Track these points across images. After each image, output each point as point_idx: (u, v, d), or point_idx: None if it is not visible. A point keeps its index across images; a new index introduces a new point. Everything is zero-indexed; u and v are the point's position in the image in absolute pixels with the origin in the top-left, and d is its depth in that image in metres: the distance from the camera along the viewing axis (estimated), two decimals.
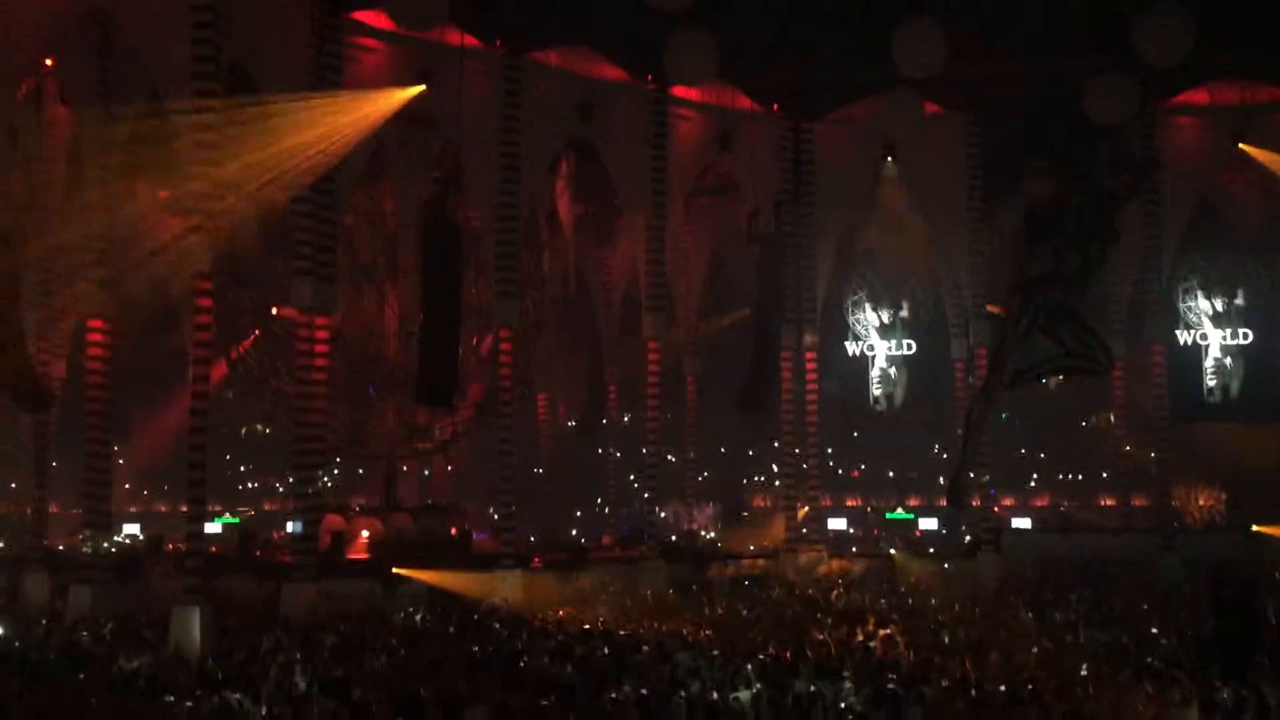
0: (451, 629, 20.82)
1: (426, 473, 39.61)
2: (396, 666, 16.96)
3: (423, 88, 25.85)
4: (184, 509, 23.20)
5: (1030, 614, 21.87)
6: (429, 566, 26.80)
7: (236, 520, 40.04)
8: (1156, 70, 23.85)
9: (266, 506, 44.70)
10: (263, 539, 33.76)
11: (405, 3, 23.39)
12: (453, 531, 31.98)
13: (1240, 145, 29.52)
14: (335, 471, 38.78)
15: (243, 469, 45.75)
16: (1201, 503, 39.11)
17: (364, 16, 25.89)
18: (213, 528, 32.93)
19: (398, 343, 32.75)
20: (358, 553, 29.61)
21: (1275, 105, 29.52)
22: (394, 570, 26.10)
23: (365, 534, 30.43)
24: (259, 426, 42.47)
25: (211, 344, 23.79)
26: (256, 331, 31.65)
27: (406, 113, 26.76)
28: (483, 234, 29.03)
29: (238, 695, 14.33)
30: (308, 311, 25.10)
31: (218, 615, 21.40)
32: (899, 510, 41.44)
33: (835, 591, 26.06)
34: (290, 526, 28.66)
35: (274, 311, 30.48)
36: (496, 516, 29.47)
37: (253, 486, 46.35)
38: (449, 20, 25.57)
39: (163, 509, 39.90)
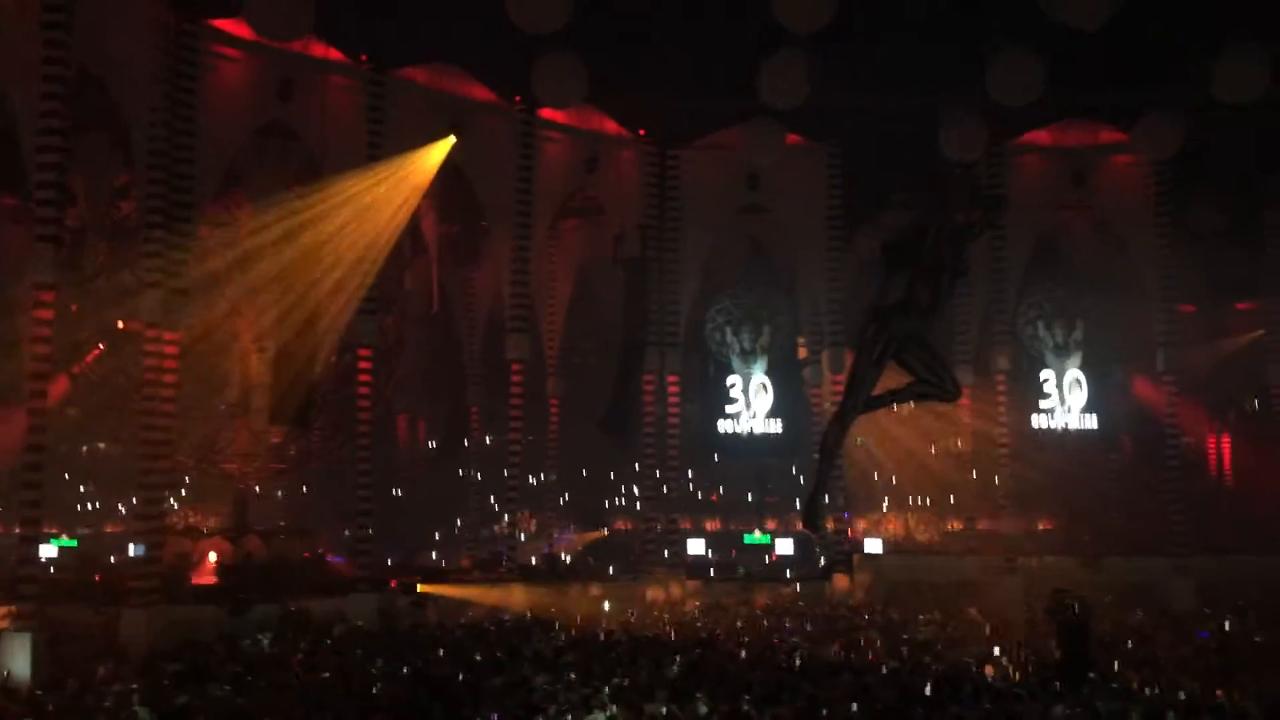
0: (301, 655, 20.23)
1: (280, 494, 38.51)
2: (242, 694, 16.39)
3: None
4: (18, 530, 22.04)
5: (880, 635, 22.44)
6: (280, 591, 26.04)
7: (74, 543, 38.13)
8: (1005, 110, 24.91)
9: (108, 529, 42.72)
10: (102, 563, 32.26)
11: (266, 12, 22.81)
12: (306, 554, 31.13)
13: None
14: (183, 493, 37.34)
15: (82, 489, 43.68)
16: (1041, 528, 40.79)
17: (223, 24, 25.21)
18: (49, 550, 31.31)
19: (252, 359, 31.77)
20: (204, 577, 28.57)
21: (1112, 147, 31.08)
22: (242, 595, 25.26)
23: (213, 557, 29.39)
24: (100, 445, 40.63)
25: (51, 358, 22.70)
26: (100, 346, 30.36)
27: (264, 124, 26.19)
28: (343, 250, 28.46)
29: None
30: (155, 325, 24.20)
31: (52, 643, 20.36)
32: (756, 533, 41.99)
33: (692, 614, 26.26)
34: (132, 549, 27.45)
35: (120, 325, 29.26)
36: (352, 539, 28.85)
37: (93, 508, 44.27)
38: (312, 32, 25.13)
39: None
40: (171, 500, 32.55)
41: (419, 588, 28.17)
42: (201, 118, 24.68)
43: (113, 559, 34.00)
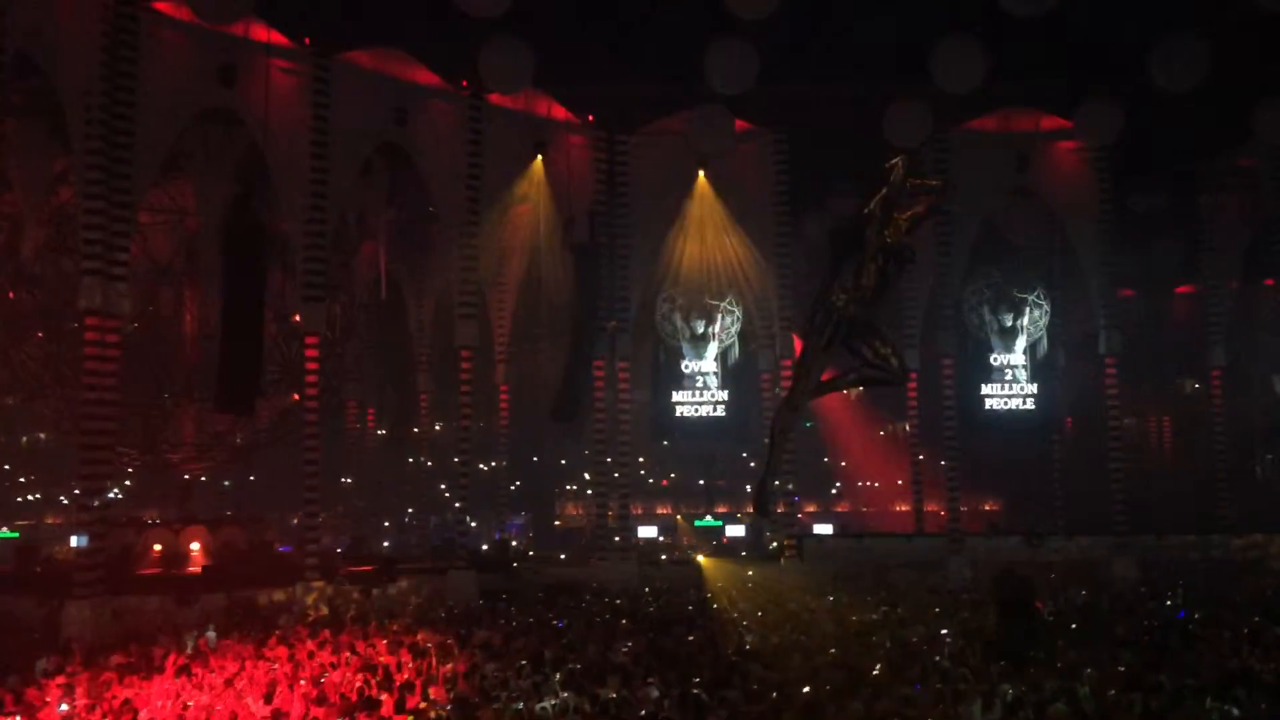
0: (252, 646, 20.06)
1: (226, 483, 38.13)
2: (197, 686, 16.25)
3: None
4: None
5: (829, 618, 22.65)
6: (227, 580, 25.80)
7: (14, 535, 37.51)
8: (950, 97, 25.16)
9: (49, 520, 42.05)
10: (44, 554, 31.78)
11: None
12: (254, 543, 30.86)
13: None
14: (127, 482, 36.84)
15: (22, 480, 42.95)
16: (986, 508, 41.48)
17: (163, 7, 24.76)
18: None
19: (196, 347, 31.40)
20: (150, 568, 28.24)
21: (1056, 134, 31.50)
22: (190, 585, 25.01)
23: (158, 548, 29.06)
24: (41, 435, 39.98)
25: None
26: (39, 334, 29.83)
27: (207, 109, 25.82)
28: (289, 237, 28.21)
29: None
30: (96, 313, 23.81)
31: None
32: (707, 518, 42.28)
33: (644, 598, 26.36)
34: (75, 540, 27.03)
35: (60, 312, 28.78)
36: (301, 527, 28.65)
37: (34, 498, 43.56)
38: (254, 15, 24.77)
39: None
40: (115, 490, 32.12)
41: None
42: (141, 102, 24.24)
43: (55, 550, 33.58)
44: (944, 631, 20.29)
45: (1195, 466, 35.49)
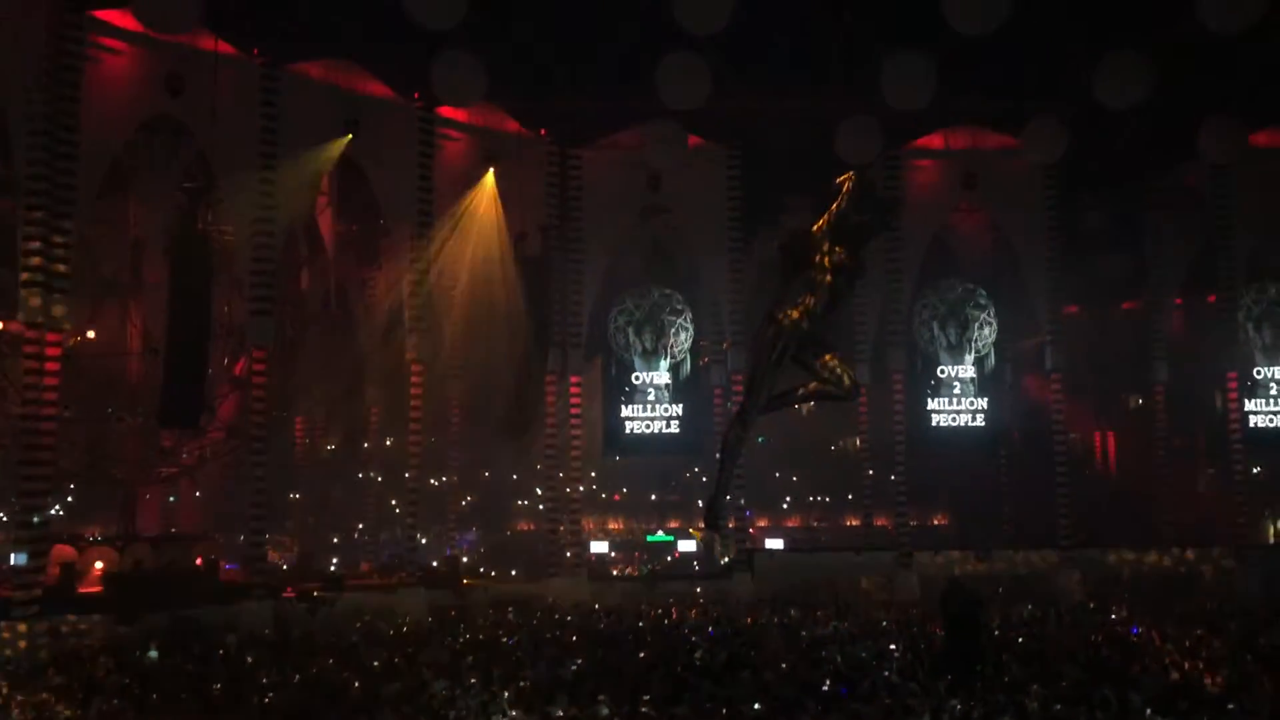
0: (191, 666, 19.69)
1: (172, 499, 37.44)
2: (131, 707, 15.89)
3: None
4: None
5: (779, 632, 22.67)
6: (171, 599, 25.32)
7: None
8: (900, 114, 25.39)
9: None
10: None
11: (153, 4, 22.13)
12: (198, 561, 30.28)
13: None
14: (69, 499, 36.04)
15: None
16: (935, 523, 41.73)
17: (108, 16, 24.41)
18: None
19: (141, 361, 30.86)
20: (90, 586, 27.62)
21: (1002, 152, 31.90)
22: (130, 604, 24.50)
23: (99, 565, 28.43)
24: None
25: None
26: None
27: (153, 118, 25.47)
28: (237, 249, 27.85)
29: None
30: (36, 326, 23.34)
31: None
32: (659, 533, 42.16)
33: (595, 616, 26.22)
34: (13, 559, 26.42)
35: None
36: (247, 545, 28.21)
37: None
38: (202, 25, 24.48)
39: None
40: (56, 507, 31.44)
41: (315, 593, 27.67)
42: (86, 112, 23.88)
43: None
44: (892, 646, 20.37)
45: (1140, 481, 35.94)
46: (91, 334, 29.82)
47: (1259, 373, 33.64)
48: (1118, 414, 41.10)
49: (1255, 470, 34.69)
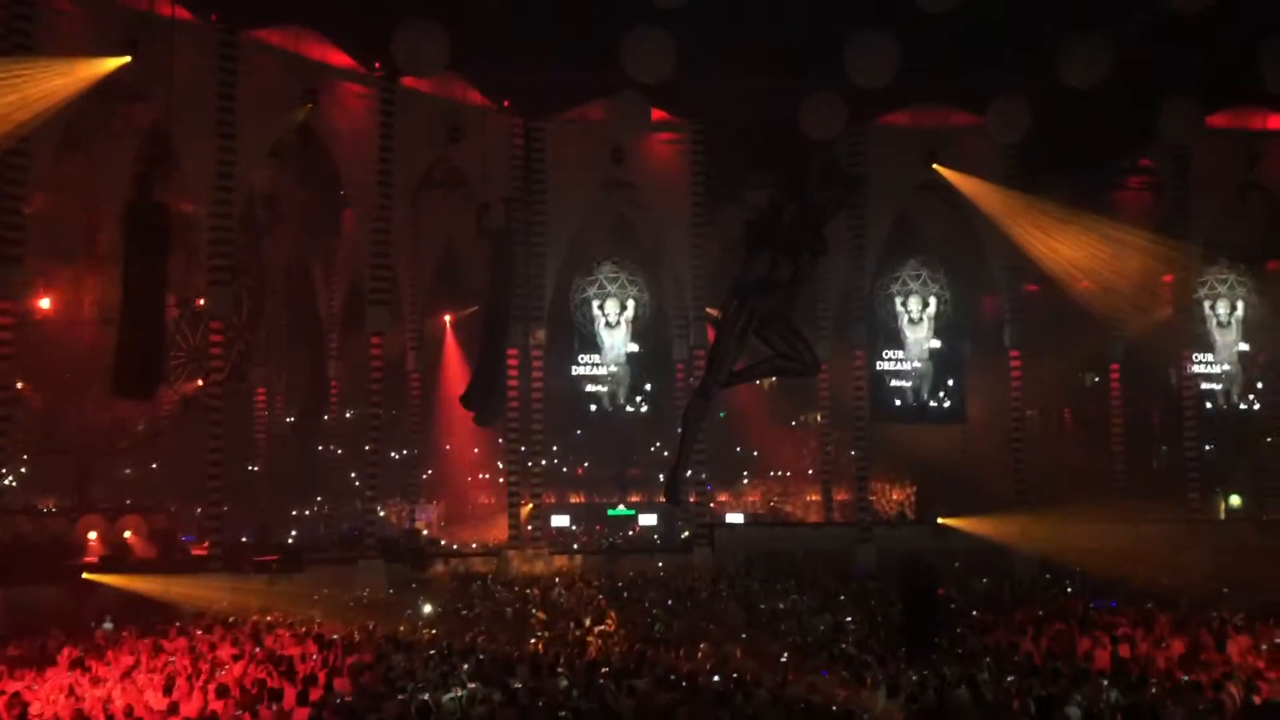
0: (150, 639, 19.57)
1: (128, 471, 37.11)
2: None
3: (126, 59, 23.95)
4: None
5: (739, 605, 22.84)
6: (125, 571, 25.11)
7: None
8: (864, 92, 25.41)
9: None
10: None
11: None
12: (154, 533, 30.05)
13: (933, 166, 31.98)
14: (22, 470, 35.58)
15: None
16: (894, 498, 42.14)
17: None
18: None
19: (96, 331, 30.38)
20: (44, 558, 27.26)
21: (965, 130, 31.98)
22: (84, 576, 24.27)
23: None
24: None
25: None
26: None
27: (110, 84, 24.91)
28: (195, 219, 27.45)
29: None
30: None
31: None
32: (620, 507, 42.32)
33: (555, 589, 26.28)
34: None
35: None
36: (204, 517, 28.00)
37: None
38: None
39: None
40: (10, 478, 31.07)
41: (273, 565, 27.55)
42: (38, 75, 23.25)
43: None
44: (849, 619, 20.59)
45: (1095, 458, 36.37)
46: (46, 303, 29.32)
47: (1213, 352, 34.16)
48: (1074, 391, 41.62)
49: (1207, 449, 35.27)
